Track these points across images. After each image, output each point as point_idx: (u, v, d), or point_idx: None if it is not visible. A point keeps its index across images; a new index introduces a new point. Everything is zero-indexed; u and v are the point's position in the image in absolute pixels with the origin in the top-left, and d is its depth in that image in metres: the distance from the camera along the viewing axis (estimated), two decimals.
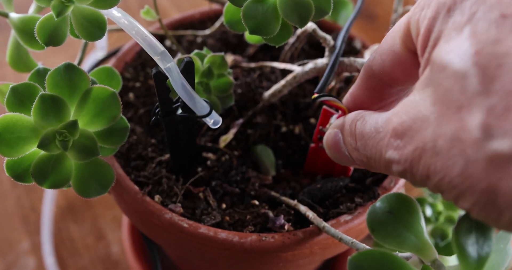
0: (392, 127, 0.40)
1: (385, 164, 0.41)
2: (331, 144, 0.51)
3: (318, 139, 0.63)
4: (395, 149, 0.39)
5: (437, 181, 0.36)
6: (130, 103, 0.73)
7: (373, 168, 0.45)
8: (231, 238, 0.57)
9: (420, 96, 0.38)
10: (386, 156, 0.40)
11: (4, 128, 0.49)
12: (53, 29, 0.51)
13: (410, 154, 0.38)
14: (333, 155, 0.51)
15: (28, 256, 1.00)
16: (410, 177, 0.39)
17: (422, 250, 0.44)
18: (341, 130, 0.49)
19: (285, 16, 0.53)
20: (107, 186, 0.54)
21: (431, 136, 0.36)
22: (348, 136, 0.47)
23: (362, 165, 0.47)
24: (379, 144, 0.41)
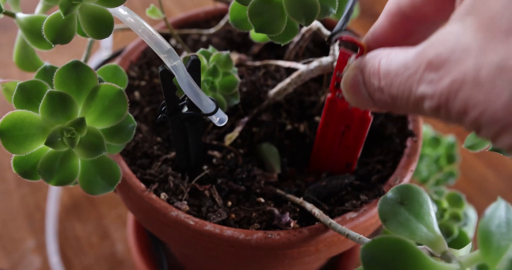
0: (426, 60, 0.37)
1: (416, 101, 0.38)
2: (350, 86, 0.47)
3: (335, 87, 0.60)
4: (429, 84, 0.36)
5: (476, 115, 0.33)
6: (136, 101, 0.74)
7: (398, 108, 0.42)
8: (237, 235, 0.57)
9: (459, 26, 0.35)
10: (418, 92, 0.37)
11: (12, 125, 0.49)
12: (61, 27, 0.51)
13: (447, 87, 0.35)
14: (352, 98, 0.48)
15: (33, 255, 1.01)
16: (444, 113, 0.36)
17: (432, 241, 0.44)
18: (362, 70, 0.45)
19: (291, 14, 0.53)
20: (113, 183, 0.54)
21: (472, 66, 0.33)
22: (370, 76, 0.44)
23: (384, 106, 0.44)
24: (408, 81, 0.38)
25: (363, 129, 0.63)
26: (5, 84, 0.62)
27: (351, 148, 0.65)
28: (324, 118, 0.64)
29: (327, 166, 0.68)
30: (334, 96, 0.61)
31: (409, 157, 0.66)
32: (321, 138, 0.67)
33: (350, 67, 0.47)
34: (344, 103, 0.60)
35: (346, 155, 0.66)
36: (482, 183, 1.16)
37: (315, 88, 0.76)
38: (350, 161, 0.66)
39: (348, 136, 0.64)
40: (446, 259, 0.43)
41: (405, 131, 0.70)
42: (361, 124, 0.63)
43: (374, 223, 0.62)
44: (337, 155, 0.66)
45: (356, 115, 0.62)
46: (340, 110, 0.62)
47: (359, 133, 0.63)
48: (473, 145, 0.61)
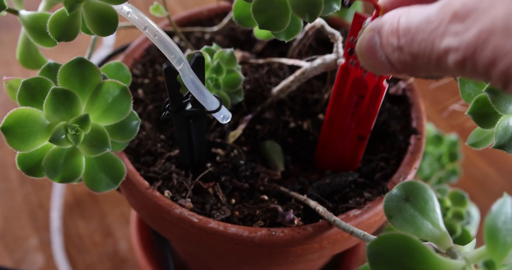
0: (451, 12, 0.35)
1: (439, 55, 0.37)
2: (366, 49, 0.45)
3: (348, 53, 0.58)
4: (454, 36, 0.35)
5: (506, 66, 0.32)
6: (139, 99, 0.74)
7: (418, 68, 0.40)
8: (241, 232, 0.58)
9: None
10: (442, 45, 0.36)
11: (16, 122, 0.49)
12: (65, 24, 0.51)
13: (474, 37, 0.33)
14: (368, 62, 0.46)
15: (36, 253, 1.01)
16: (471, 66, 0.35)
17: (438, 237, 0.44)
18: (379, 31, 0.44)
19: (295, 10, 0.53)
20: (117, 180, 0.54)
21: (502, 13, 0.32)
22: (388, 36, 0.42)
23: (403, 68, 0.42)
24: (431, 35, 0.37)
25: (377, 99, 0.61)
26: (8, 81, 0.63)
27: (364, 120, 0.63)
28: (336, 88, 0.62)
29: (337, 146, 0.67)
30: (347, 64, 0.59)
31: (413, 155, 0.67)
32: (333, 110, 0.64)
33: (366, 29, 0.46)
34: (357, 71, 0.58)
35: (359, 128, 0.64)
36: (484, 181, 1.16)
37: (319, 85, 0.76)
38: (364, 134, 0.64)
39: (362, 107, 0.62)
40: (452, 255, 0.43)
41: (408, 128, 0.70)
42: (375, 93, 0.60)
43: (378, 220, 0.62)
44: (349, 128, 0.65)
45: (370, 83, 0.59)
46: (353, 79, 0.60)
47: (372, 103, 0.61)
48: (476, 142, 0.61)
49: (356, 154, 0.66)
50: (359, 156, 0.67)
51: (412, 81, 0.75)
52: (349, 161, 0.67)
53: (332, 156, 0.69)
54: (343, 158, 0.68)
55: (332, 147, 0.68)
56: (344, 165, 0.68)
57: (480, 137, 0.60)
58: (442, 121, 1.21)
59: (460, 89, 0.58)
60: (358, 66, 0.52)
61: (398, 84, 0.76)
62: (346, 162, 0.67)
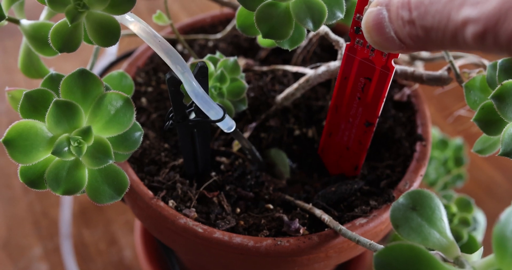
0: None
1: (456, 28, 0.34)
2: (373, 24, 0.43)
3: (354, 32, 0.56)
4: (473, 6, 0.33)
5: None
6: (143, 108, 0.73)
7: (431, 42, 0.38)
8: (246, 242, 0.57)
9: None
10: (460, 16, 0.34)
11: (18, 135, 0.49)
12: (67, 35, 0.50)
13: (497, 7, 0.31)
14: (375, 39, 0.44)
15: (40, 262, 1.00)
16: (492, 39, 0.33)
17: (445, 246, 0.44)
18: (387, 4, 0.41)
19: (298, 19, 0.52)
20: (121, 192, 0.54)
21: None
22: (398, 8, 0.40)
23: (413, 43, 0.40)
24: (447, 6, 0.35)
25: (385, 81, 0.58)
26: (11, 92, 0.62)
27: (372, 104, 0.61)
28: (342, 70, 0.60)
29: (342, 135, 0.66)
30: (353, 44, 0.57)
31: (419, 162, 0.66)
32: (339, 95, 0.63)
33: (372, 3, 0.44)
34: (364, 51, 0.56)
35: (366, 113, 0.62)
36: (490, 186, 1.15)
37: (323, 92, 0.76)
38: (371, 119, 0.62)
39: (369, 90, 0.60)
40: (460, 265, 0.43)
41: (414, 135, 0.70)
42: (383, 74, 0.58)
43: (384, 228, 0.62)
44: (355, 114, 0.63)
45: (377, 64, 0.57)
46: (359, 60, 0.58)
47: (380, 86, 0.59)
48: (482, 149, 0.60)
49: (364, 142, 0.64)
50: (367, 144, 0.65)
51: (417, 87, 0.75)
52: (356, 150, 0.66)
53: (339, 145, 0.67)
54: (349, 147, 0.66)
55: (338, 134, 0.66)
56: (351, 154, 0.66)
57: (486, 144, 0.60)
58: (448, 126, 1.21)
59: (466, 96, 0.57)
60: (364, 45, 0.51)
61: (403, 90, 0.75)
62: (353, 151, 0.66)
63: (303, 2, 0.52)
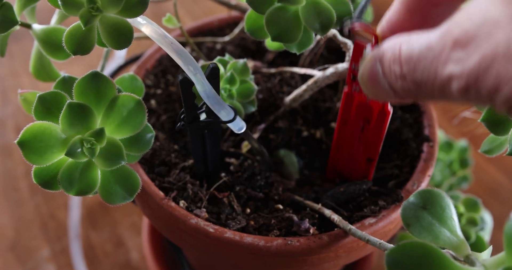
0: (452, 39, 0.35)
1: (442, 83, 0.36)
2: (368, 78, 0.45)
3: (351, 80, 0.59)
4: (456, 63, 0.34)
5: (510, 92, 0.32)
6: (152, 109, 0.74)
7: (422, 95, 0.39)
8: (257, 242, 0.58)
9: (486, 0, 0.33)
10: (445, 73, 0.35)
11: (33, 136, 0.50)
12: (81, 38, 0.51)
13: (476, 64, 0.33)
14: (371, 91, 0.45)
15: (48, 264, 1.01)
16: (474, 92, 0.34)
17: (456, 245, 0.44)
18: (380, 59, 0.43)
19: (307, 24, 0.53)
20: (133, 193, 0.54)
21: (503, 39, 0.31)
22: (390, 64, 0.41)
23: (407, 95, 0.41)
24: (433, 63, 0.36)
25: (383, 122, 0.61)
26: (23, 94, 0.63)
27: (372, 143, 0.63)
28: (342, 114, 0.63)
29: (346, 167, 0.68)
30: (350, 90, 0.60)
31: (426, 162, 0.67)
32: (340, 136, 0.65)
33: (367, 59, 0.45)
34: (361, 96, 0.59)
35: (367, 151, 0.65)
36: (495, 187, 1.16)
37: (331, 94, 0.76)
38: (372, 156, 0.65)
39: (368, 131, 0.63)
40: (470, 263, 0.43)
41: (421, 136, 0.70)
42: (380, 117, 0.60)
43: (393, 228, 0.62)
44: (357, 152, 0.65)
45: (374, 108, 0.60)
46: (357, 104, 0.61)
47: (378, 127, 0.61)
48: (489, 149, 0.61)
49: (367, 174, 0.67)
50: (370, 176, 0.67)
51: None
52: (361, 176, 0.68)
53: (342, 177, 0.69)
54: (353, 178, 0.68)
55: (341, 169, 0.69)
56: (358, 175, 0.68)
57: (493, 144, 0.60)
58: (452, 128, 1.21)
59: None
60: (361, 91, 0.52)
61: None
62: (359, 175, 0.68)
63: (312, 6, 0.53)
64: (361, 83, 0.46)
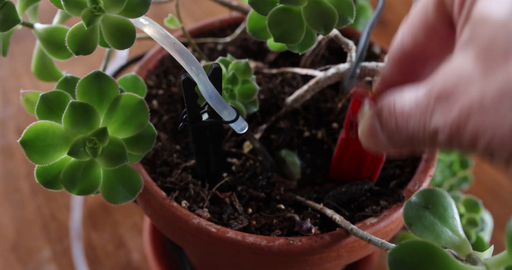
0: (434, 93, 0.37)
1: (431, 135, 0.38)
2: (368, 133, 0.47)
3: (348, 127, 0.62)
4: (440, 116, 0.37)
5: (487, 141, 0.33)
6: (154, 110, 0.74)
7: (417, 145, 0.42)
8: (259, 242, 0.58)
9: (461, 56, 0.36)
10: (431, 125, 0.38)
11: (36, 135, 0.50)
12: (84, 38, 0.51)
13: (456, 117, 0.35)
14: (372, 144, 0.48)
15: (49, 264, 1.01)
16: (457, 143, 0.36)
17: (457, 244, 0.44)
18: (378, 115, 0.46)
19: (310, 24, 0.53)
20: (135, 192, 0.55)
21: (477, 93, 0.33)
22: (387, 119, 0.44)
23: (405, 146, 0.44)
24: (422, 117, 0.39)
25: (377, 165, 0.65)
26: (25, 94, 0.63)
27: (368, 176, 0.66)
28: (337, 155, 0.66)
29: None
30: (347, 136, 0.63)
31: (427, 162, 0.67)
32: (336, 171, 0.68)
33: (366, 116, 0.48)
34: (357, 142, 0.60)
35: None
36: (495, 188, 1.16)
37: (332, 95, 0.76)
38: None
39: (363, 169, 0.66)
40: (472, 262, 0.43)
41: None
42: (374, 161, 0.64)
43: (394, 228, 0.63)
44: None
45: (369, 154, 0.63)
46: (353, 149, 0.63)
47: (373, 168, 0.65)
48: None
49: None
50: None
51: None
52: None
53: None
54: None
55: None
56: None
57: None
58: None
59: None
60: (357, 138, 0.54)
61: None
62: None
63: (314, 6, 0.53)
64: (362, 139, 0.49)
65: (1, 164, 1.17)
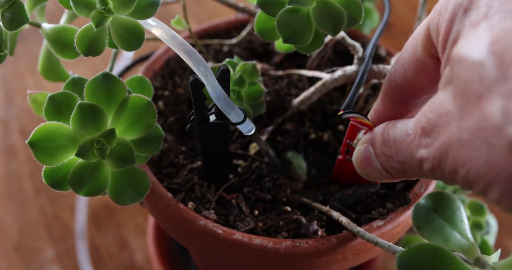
0: (420, 126, 0.40)
1: (417, 164, 0.41)
2: (362, 159, 0.51)
3: (345, 152, 0.64)
4: (424, 147, 0.40)
5: (464, 173, 0.36)
6: (160, 111, 0.74)
7: (408, 174, 0.45)
8: (265, 244, 0.58)
9: (443, 93, 0.38)
10: (417, 155, 0.41)
11: (44, 136, 0.50)
12: (93, 39, 0.51)
13: (438, 150, 0.38)
14: (364, 170, 0.51)
15: (52, 265, 1.01)
16: (440, 173, 0.39)
17: (466, 247, 0.45)
18: (372, 143, 0.49)
19: (318, 24, 0.53)
20: (142, 193, 0.55)
21: (456, 129, 0.36)
22: (381, 146, 0.48)
23: (396, 174, 0.47)
24: (410, 146, 0.42)
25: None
26: (32, 95, 0.63)
27: None
28: (336, 174, 0.69)
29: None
30: (344, 159, 0.65)
31: None
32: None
33: (360, 142, 0.51)
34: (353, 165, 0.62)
35: None
36: None
37: (338, 97, 0.76)
38: None
39: None
40: (480, 266, 0.44)
41: None
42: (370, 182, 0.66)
43: (400, 231, 0.63)
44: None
45: None
46: (350, 169, 0.65)
47: None
48: None
49: None
50: None
51: None
52: None
53: None
54: None
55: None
56: None
57: None
58: None
59: None
60: None
61: None
62: None
63: (323, 7, 0.53)
64: (355, 165, 0.52)
65: (5, 164, 1.17)
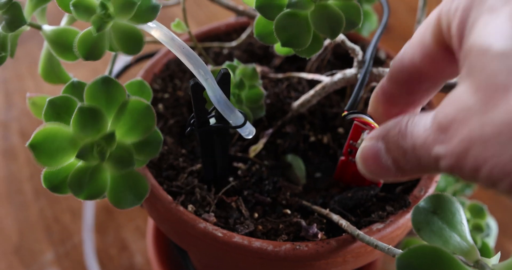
0: (437, 122, 0.38)
1: (434, 161, 0.39)
2: (368, 155, 0.47)
3: (348, 153, 0.64)
4: (441, 144, 0.37)
5: (488, 171, 0.34)
6: (160, 114, 0.74)
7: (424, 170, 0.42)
8: (265, 247, 0.58)
9: (463, 87, 0.36)
10: (433, 152, 0.38)
11: (45, 139, 0.50)
12: (93, 44, 0.51)
13: (457, 147, 0.36)
14: (370, 167, 0.48)
15: (52, 267, 1.01)
16: (458, 171, 0.37)
17: (465, 250, 0.45)
18: (384, 137, 0.46)
19: (317, 28, 0.53)
20: (141, 197, 0.55)
21: (477, 124, 0.34)
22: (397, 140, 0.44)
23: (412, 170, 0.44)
24: (427, 142, 0.39)
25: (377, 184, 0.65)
26: (32, 98, 0.63)
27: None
28: (339, 174, 0.68)
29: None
30: (347, 160, 0.65)
31: None
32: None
33: (368, 138, 0.48)
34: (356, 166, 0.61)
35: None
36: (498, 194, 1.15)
37: (337, 100, 0.76)
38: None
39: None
40: (480, 268, 0.44)
41: None
42: (374, 182, 0.65)
43: (400, 234, 0.63)
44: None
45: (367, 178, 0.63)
46: (353, 170, 0.65)
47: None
48: None
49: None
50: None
51: None
52: None
53: None
54: None
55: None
56: None
57: None
58: None
59: None
60: None
61: None
62: None
63: (321, 11, 0.53)
64: (360, 162, 0.49)
65: (4, 166, 1.17)
